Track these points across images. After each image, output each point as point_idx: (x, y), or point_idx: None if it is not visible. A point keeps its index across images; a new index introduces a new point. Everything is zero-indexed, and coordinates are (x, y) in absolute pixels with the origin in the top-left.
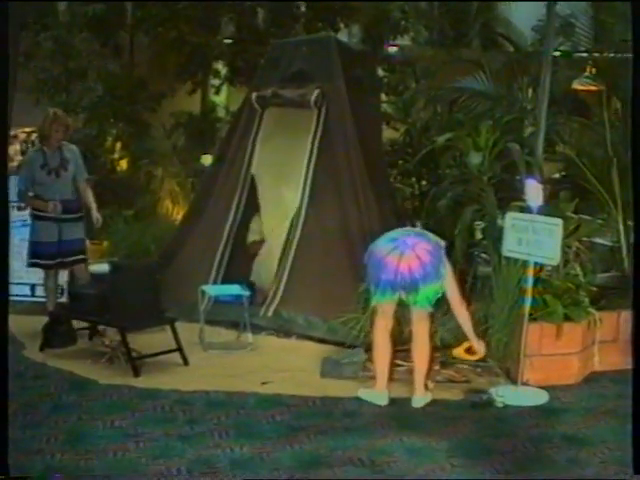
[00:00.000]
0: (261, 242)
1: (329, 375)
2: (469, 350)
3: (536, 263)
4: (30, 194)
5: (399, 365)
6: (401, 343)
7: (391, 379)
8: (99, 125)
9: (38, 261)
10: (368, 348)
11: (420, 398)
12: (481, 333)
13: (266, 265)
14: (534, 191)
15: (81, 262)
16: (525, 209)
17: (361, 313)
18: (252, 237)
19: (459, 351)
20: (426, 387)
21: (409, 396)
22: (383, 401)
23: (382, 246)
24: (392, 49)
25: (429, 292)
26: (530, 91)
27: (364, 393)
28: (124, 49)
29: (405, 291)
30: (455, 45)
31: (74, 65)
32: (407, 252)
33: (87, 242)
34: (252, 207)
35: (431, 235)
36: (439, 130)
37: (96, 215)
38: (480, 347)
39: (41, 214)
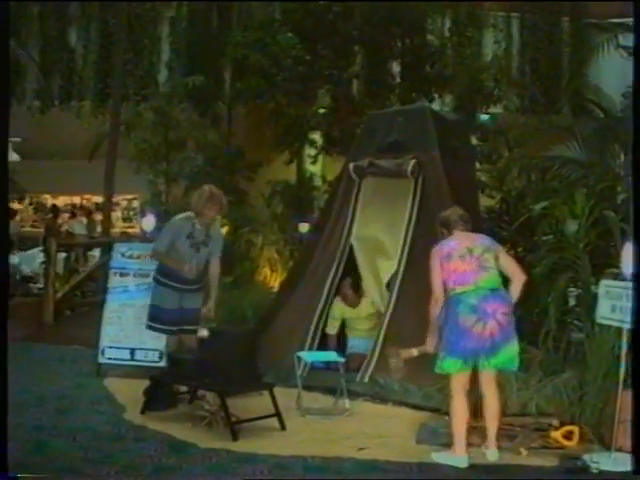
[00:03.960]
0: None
1: (425, 442)
2: (568, 435)
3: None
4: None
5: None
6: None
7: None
8: None
9: (158, 325)
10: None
11: (495, 451)
12: (576, 400)
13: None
14: (630, 257)
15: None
16: (619, 276)
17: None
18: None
19: (557, 435)
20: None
21: (504, 463)
22: (463, 464)
23: (465, 316)
24: (484, 117)
25: (510, 352)
26: (622, 157)
27: (441, 457)
28: (222, 119)
29: (485, 356)
30: (546, 112)
31: (173, 135)
32: (489, 321)
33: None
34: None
35: (497, 284)
36: (534, 198)
37: (211, 305)
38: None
39: (164, 280)
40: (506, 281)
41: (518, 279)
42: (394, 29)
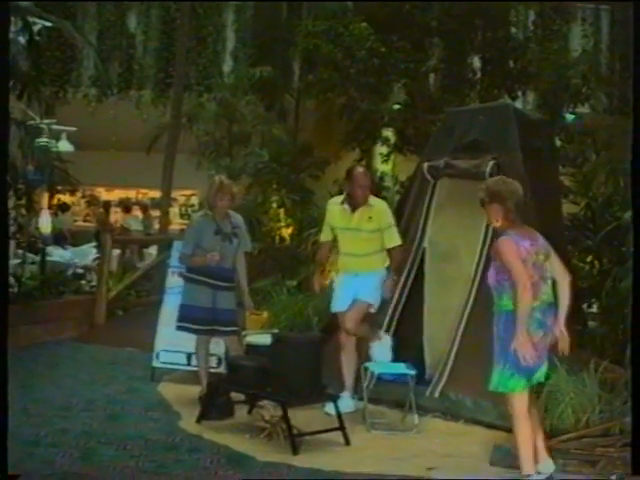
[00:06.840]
0: None
1: (499, 464)
2: None
3: None
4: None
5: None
6: None
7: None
8: (262, 191)
9: (189, 325)
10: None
11: (550, 462)
12: None
13: (433, 343)
14: None
15: (234, 334)
16: None
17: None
18: None
19: None
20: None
21: None
22: None
23: (533, 332)
24: (569, 117)
25: (545, 366)
26: None
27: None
28: (289, 113)
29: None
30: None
31: (237, 128)
32: (550, 336)
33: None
34: (420, 281)
35: (553, 296)
36: (622, 205)
37: (249, 302)
38: None
39: (196, 277)
40: None
41: (565, 279)
42: (476, 21)
